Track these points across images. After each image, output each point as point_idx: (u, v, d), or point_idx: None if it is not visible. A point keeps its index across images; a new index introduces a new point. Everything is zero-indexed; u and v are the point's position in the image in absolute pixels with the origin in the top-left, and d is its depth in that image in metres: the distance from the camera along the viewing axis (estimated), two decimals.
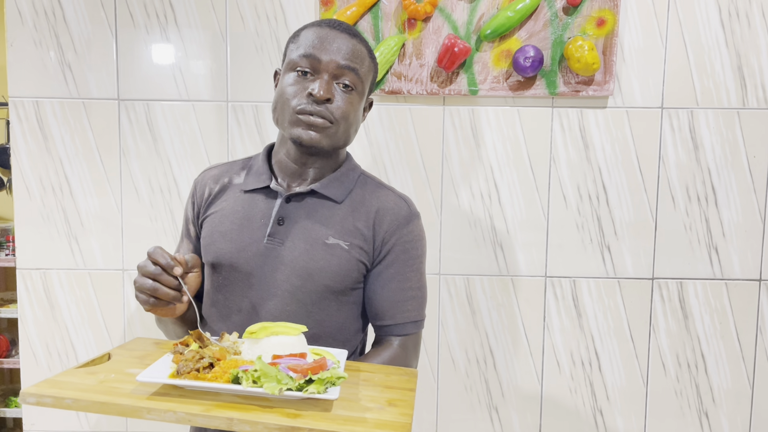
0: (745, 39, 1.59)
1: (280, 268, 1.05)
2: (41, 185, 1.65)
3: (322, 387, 0.76)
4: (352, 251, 1.06)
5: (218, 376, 0.79)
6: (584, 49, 1.51)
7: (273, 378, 0.75)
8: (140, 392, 0.78)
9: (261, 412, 0.74)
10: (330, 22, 1.06)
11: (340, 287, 1.06)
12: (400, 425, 0.75)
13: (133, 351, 0.96)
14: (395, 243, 1.08)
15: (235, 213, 1.09)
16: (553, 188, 1.64)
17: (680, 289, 1.66)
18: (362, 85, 1.06)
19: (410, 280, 1.10)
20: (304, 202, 1.08)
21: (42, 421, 1.71)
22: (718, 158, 1.62)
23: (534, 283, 1.66)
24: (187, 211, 1.17)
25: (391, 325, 1.10)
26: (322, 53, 1.02)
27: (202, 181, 1.16)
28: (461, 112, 1.63)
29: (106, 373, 0.84)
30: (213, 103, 1.63)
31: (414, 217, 1.11)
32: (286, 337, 0.88)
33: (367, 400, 0.83)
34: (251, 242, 1.06)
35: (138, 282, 0.96)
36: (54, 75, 1.62)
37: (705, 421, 1.69)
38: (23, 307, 1.68)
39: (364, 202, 1.09)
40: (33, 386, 0.76)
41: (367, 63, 1.07)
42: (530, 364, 1.69)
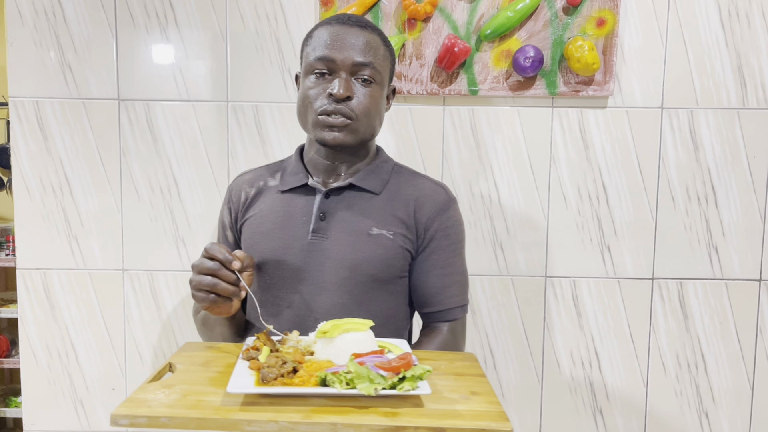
0: (745, 39, 1.59)
1: (326, 262, 1.06)
2: (41, 185, 1.65)
3: (414, 383, 0.77)
4: (397, 240, 1.07)
5: (305, 380, 0.79)
6: (584, 49, 1.51)
7: (366, 378, 0.75)
8: (230, 403, 0.76)
9: (359, 414, 0.74)
10: (339, 17, 1.06)
11: (387, 276, 1.07)
12: (497, 414, 0.76)
13: (193, 358, 0.94)
14: (437, 229, 1.10)
15: (274, 213, 1.11)
16: (553, 188, 1.64)
17: (680, 289, 1.66)
18: (381, 75, 1.07)
19: (453, 265, 1.12)
20: (343, 196, 1.09)
21: (42, 421, 1.71)
22: (718, 158, 1.62)
23: (534, 283, 1.66)
24: (223, 218, 1.19)
25: (439, 311, 1.12)
26: (335, 52, 1.02)
27: (237, 187, 1.18)
28: (461, 112, 1.63)
29: (181, 385, 0.82)
30: (213, 103, 1.63)
31: (452, 203, 1.13)
32: (358, 333, 0.88)
33: (448, 390, 0.83)
34: (295, 239, 1.07)
35: (195, 280, 0.95)
36: (54, 75, 1.62)
37: (705, 421, 1.69)
38: (23, 307, 1.69)
39: (401, 192, 1.11)
40: (121, 407, 0.74)
41: (382, 52, 1.07)
42: (530, 364, 1.69)
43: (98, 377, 1.71)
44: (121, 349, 1.70)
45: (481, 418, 0.74)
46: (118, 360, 1.70)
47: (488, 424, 0.73)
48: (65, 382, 1.71)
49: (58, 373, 1.70)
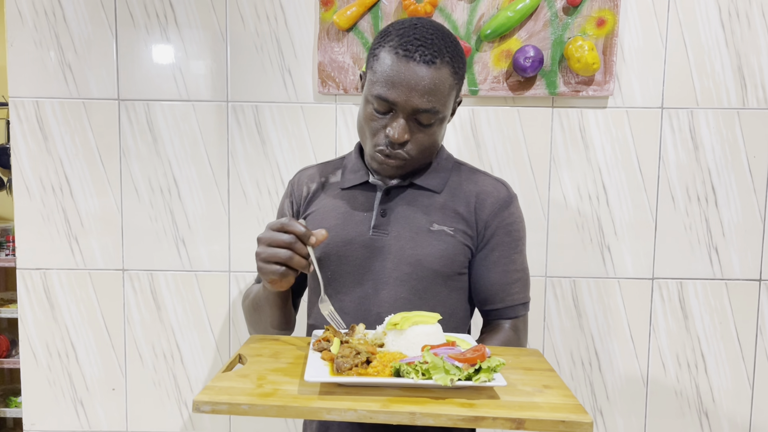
0: (745, 39, 1.59)
1: (388, 258, 1.07)
2: (41, 185, 1.65)
3: (490, 375, 0.77)
4: (457, 236, 1.08)
5: (379, 370, 0.80)
6: (584, 49, 1.51)
7: (441, 369, 0.76)
8: (306, 392, 0.77)
9: (436, 405, 0.74)
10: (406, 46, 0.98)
11: (449, 272, 1.08)
12: (574, 407, 0.75)
13: (262, 350, 0.95)
14: (498, 226, 1.10)
15: (336, 209, 1.12)
16: (553, 188, 1.64)
17: (680, 289, 1.66)
18: (444, 111, 1.03)
19: (515, 262, 1.12)
20: (404, 194, 1.10)
21: (42, 421, 1.71)
22: (718, 158, 1.62)
23: (534, 283, 1.66)
24: (284, 211, 1.20)
25: (501, 308, 1.12)
26: (397, 94, 0.98)
27: (299, 181, 1.19)
28: (461, 113, 1.63)
29: (254, 375, 0.84)
30: (213, 103, 1.63)
31: (513, 199, 1.13)
32: (427, 326, 0.89)
33: (520, 384, 0.83)
34: (357, 235, 1.08)
35: (267, 252, 0.94)
36: (54, 75, 1.62)
37: (705, 421, 1.69)
38: (23, 307, 1.69)
39: (461, 188, 1.11)
40: (202, 394, 0.75)
41: (448, 85, 1.01)
42: None
43: (98, 377, 1.71)
44: (121, 349, 1.70)
45: (560, 410, 0.74)
46: (118, 360, 1.70)
47: (567, 416, 0.72)
48: (65, 382, 1.71)
49: (58, 373, 1.70)
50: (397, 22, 1.04)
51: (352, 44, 1.59)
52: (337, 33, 1.58)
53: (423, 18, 1.05)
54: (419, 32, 1.00)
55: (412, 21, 1.03)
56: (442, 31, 1.02)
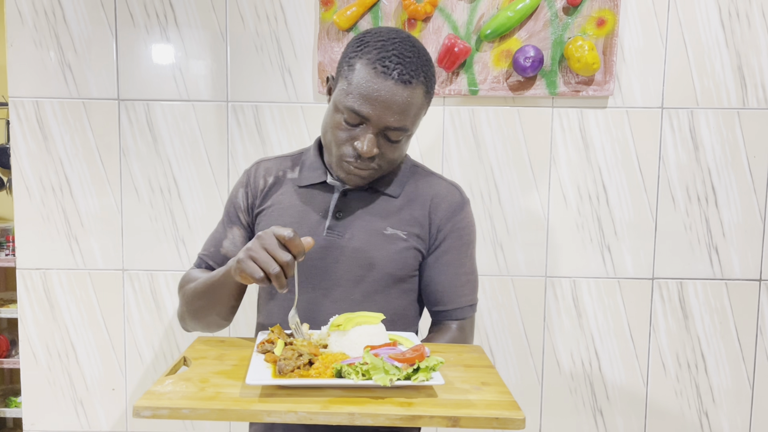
0: (745, 39, 1.59)
1: (341, 259, 1.08)
2: (41, 185, 1.65)
3: (428, 374, 0.78)
4: (410, 240, 1.09)
5: (320, 372, 0.81)
6: (584, 49, 1.51)
7: (381, 369, 0.77)
8: (248, 395, 0.78)
9: (375, 404, 0.75)
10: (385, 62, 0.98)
11: (400, 274, 1.09)
12: (508, 403, 0.78)
13: (207, 352, 0.96)
14: (450, 230, 1.11)
15: (292, 207, 1.12)
16: (553, 188, 1.64)
17: (680, 289, 1.66)
18: (413, 129, 1.05)
19: (465, 265, 1.14)
20: (361, 195, 1.11)
21: (42, 421, 1.71)
22: (718, 158, 1.62)
23: (534, 283, 1.66)
24: (238, 200, 1.18)
25: (450, 309, 1.14)
26: (370, 110, 0.98)
27: (255, 172, 1.18)
28: (461, 112, 1.63)
29: (197, 378, 0.84)
30: (213, 103, 1.63)
31: (466, 204, 1.15)
32: (370, 327, 0.90)
33: (459, 381, 0.85)
34: (311, 234, 1.08)
35: (259, 256, 0.91)
36: (54, 75, 1.62)
37: (705, 421, 1.69)
38: (23, 307, 1.68)
39: (418, 192, 1.13)
40: (142, 399, 0.75)
41: (419, 103, 1.01)
42: (530, 364, 1.69)
43: (98, 377, 1.71)
44: (121, 349, 1.70)
45: (494, 408, 0.76)
46: (118, 360, 1.70)
47: (501, 413, 0.75)
48: (65, 382, 1.71)
49: (58, 373, 1.70)
50: (374, 32, 1.03)
51: None
52: (337, 33, 1.58)
53: (400, 31, 1.05)
54: (398, 48, 0.99)
55: (390, 34, 1.02)
56: (419, 49, 1.02)
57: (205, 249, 1.21)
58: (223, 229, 1.19)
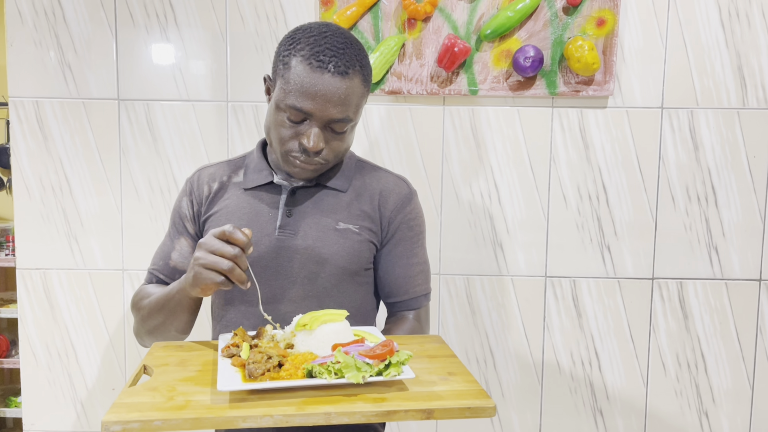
0: (745, 39, 1.59)
1: (295, 257, 1.08)
2: (41, 185, 1.65)
3: (399, 369, 0.80)
4: (363, 233, 1.10)
5: (291, 373, 0.80)
6: (584, 49, 1.51)
7: (353, 367, 0.78)
8: (219, 401, 0.76)
9: (350, 403, 0.76)
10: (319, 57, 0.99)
11: (355, 268, 1.10)
12: (477, 392, 0.80)
13: (167, 358, 0.93)
14: (401, 222, 1.13)
15: (240, 210, 1.12)
16: (553, 188, 1.64)
17: (680, 289, 1.66)
18: (356, 118, 1.05)
19: (417, 256, 1.16)
20: (310, 192, 1.11)
21: (42, 421, 1.71)
22: (718, 158, 1.62)
23: (534, 283, 1.66)
24: (183, 210, 1.18)
25: (405, 300, 1.16)
26: (312, 105, 0.98)
27: (199, 180, 1.18)
28: (461, 112, 1.63)
29: (165, 386, 0.82)
30: (213, 103, 1.63)
31: (414, 195, 1.17)
32: (335, 324, 0.90)
33: (426, 373, 0.86)
34: (263, 236, 1.09)
35: (208, 260, 0.91)
36: (54, 75, 1.62)
37: (705, 421, 1.69)
38: (23, 307, 1.68)
39: (365, 186, 1.14)
40: (110, 414, 0.73)
41: (359, 92, 1.02)
42: (530, 364, 1.69)
43: (98, 377, 1.71)
44: (121, 349, 1.70)
45: (465, 397, 0.78)
46: (118, 360, 1.70)
47: (472, 403, 0.77)
48: (65, 382, 1.71)
49: (58, 373, 1.70)
50: (305, 29, 1.03)
51: None
52: None
53: (330, 24, 1.05)
54: (330, 41, 1.00)
55: (321, 28, 1.02)
56: (351, 40, 1.02)
57: (153, 263, 1.20)
58: (170, 242, 1.19)
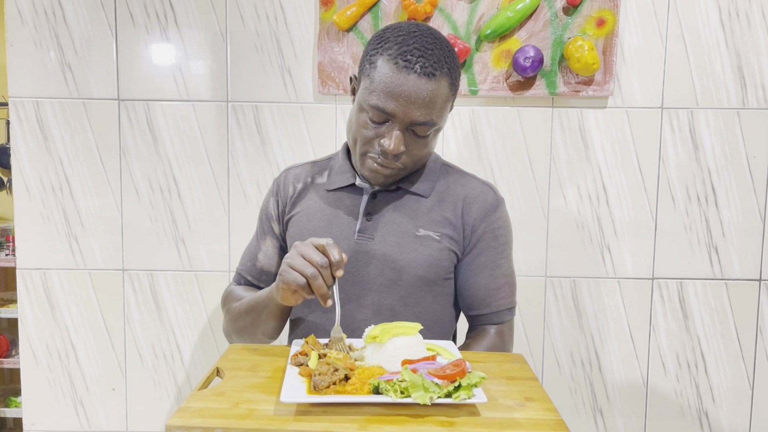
0: (745, 39, 1.59)
1: (372, 263, 1.05)
2: (41, 185, 1.65)
3: (470, 392, 0.75)
4: (443, 241, 1.06)
5: (357, 387, 0.78)
6: (584, 49, 1.51)
7: (420, 387, 0.75)
8: (283, 412, 0.75)
9: (416, 424, 0.73)
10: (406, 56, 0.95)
11: (434, 277, 1.06)
12: (555, 423, 0.75)
13: (240, 362, 0.93)
14: (485, 230, 1.09)
15: (322, 211, 1.10)
16: (552, 188, 1.64)
17: (680, 289, 1.66)
18: (440, 123, 1.01)
19: (501, 267, 1.11)
20: (391, 197, 1.08)
21: (42, 421, 1.71)
22: (718, 158, 1.62)
23: (534, 283, 1.66)
24: (269, 209, 1.18)
25: (487, 313, 1.11)
26: (395, 106, 0.95)
27: (285, 180, 1.18)
28: (461, 113, 1.63)
29: (232, 392, 0.82)
30: (213, 103, 1.63)
31: (500, 203, 1.12)
32: (408, 338, 0.87)
33: (502, 396, 0.82)
34: (341, 239, 1.07)
35: (296, 261, 0.90)
36: (54, 75, 1.62)
37: (705, 421, 1.69)
38: (23, 307, 1.68)
39: (449, 192, 1.10)
40: (175, 418, 0.73)
41: (444, 96, 0.98)
42: (530, 364, 1.69)
43: (98, 377, 1.71)
44: (121, 349, 1.70)
45: (541, 428, 0.73)
46: (118, 360, 1.70)
47: None
48: (65, 382, 1.71)
49: (58, 373, 1.70)
50: (394, 28, 1.00)
51: (352, 44, 1.59)
52: (337, 33, 1.58)
53: (420, 24, 1.02)
54: (419, 41, 0.97)
55: (410, 28, 1.00)
56: (440, 41, 0.99)
57: (241, 264, 1.20)
58: (257, 242, 1.19)
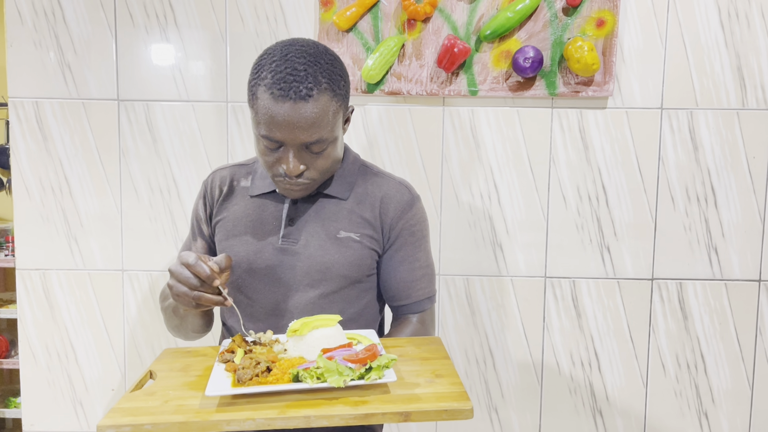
0: (745, 40, 1.59)
1: (297, 265, 1.10)
2: (41, 186, 1.65)
3: (381, 372, 0.81)
4: (364, 241, 1.11)
5: (279, 378, 0.83)
6: (584, 50, 1.51)
7: (335, 372, 0.80)
8: (208, 405, 0.80)
9: (330, 406, 0.78)
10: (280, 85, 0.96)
11: (357, 276, 1.11)
12: (458, 394, 0.80)
13: (172, 364, 0.97)
14: (402, 228, 1.13)
15: (247, 217, 1.14)
16: (552, 189, 1.64)
17: (680, 289, 1.66)
18: (333, 135, 1.02)
19: (419, 260, 1.16)
20: (311, 201, 1.13)
21: (41, 421, 1.71)
22: (718, 159, 1.62)
23: (533, 283, 1.66)
24: (198, 211, 1.21)
25: (408, 304, 1.17)
26: (281, 134, 0.98)
27: (212, 182, 1.20)
28: (461, 113, 1.63)
29: (162, 391, 0.86)
30: (212, 103, 1.63)
31: (416, 200, 1.16)
32: (327, 329, 0.92)
33: (413, 375, 0.87)
34: (266, 244, 1.11)
35: (178, 290, 0.94)
36: (53, 75, 1.62)
37: (704, 421, 1.69)
38: (22, 307, 1.68)
39: (367, 193, 1.14)
40: (105, 418, 0.77)
41: (331, 112, 0.99)
42: (530, 364, 1.68)
43: (97, 378, 1.71)
44: (121, 349, 1.70)
45: (444, 400, 0.79)
46: (118, 360, 1.70)
47: (450, 405, 0.78)
48: (64, 383, 1.70)
49: (58, 373, 1.70)
50: (269, 54, 1.00)
51: (351, 45, 1.59)
52: (336, 33, 1.58)
53: (294, 42, 1.01)
54: (290, 65, 0.96)
55: (284, 51, 0.98)
56: (314, 56, 0.98)
57: None
58: (189, 243, 1.23)
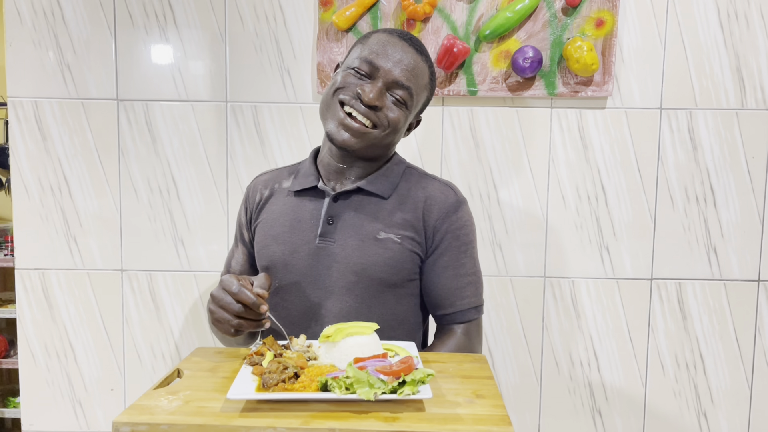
0: (744, 40, 1.59)
1: (334, 266, 1.06)
2: (40, 185, 1.65)
3: (415, 388, 0.76)
4: (404, 243, 1.07)
5: (306, 385, 0.79)
6: (583, 50, 1.51)
7: (365, 383, 0.75)
8: (230, 409, 0.76)
9: (358, 419, 0.73)
10: (402, 32, 1.08)
11: (396, 280, 1.07)
12: (499, 418, 0.74)
13: (201, 364, 0.95)
14: (446, 231, 1.09)
15: (284, 215, 1.12)
16: (552, 189, 1.64)
17: (679, 289, 1.66)
18: (413, 102, 1.06)
19: (465, 266, 1.11)
20: (352, 200, 1.09)
21: (40, 421, 1.71)
22: (717, 159, 1.62)
23: (533, 283, 1.67)
24: (240, 217, 1.21)
25: (452, 313, 1.11)
26: (382, 60, 1.03)
27: (254, 187, 1.20)
28: (460, 113, 1.63)
29: (185, 391, 0.83)
30: (212, 103, 1.63)
31: (462, 203, 1.12)
32: (362, 337, 0.88)
33: (452, 393, 0.82)
34: (303, 243, 1.08)
35: (218, 314, 0.92)
36: (53, 75, 1.62)
37: (704, 421, 1.69)
38: (22, 307, 1.68)
39: (410, 194, 1.11)
40: (123, 415, 0.74)
41: (424, 81, 1.08)
42: (529, 365, 1.69)
43: (97, 377, 1.70)
44: (120, 349, 1.70)
45: (483, 422, 0.73)
46: (117, 360, 1.70)
47: (489, 429, 0.71)
48: (64, 383, 1.70)
49: (57, 373, 1.70)
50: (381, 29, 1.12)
51: (351, 45, 1.59)
52: (336, 33, 1.58)
53: None
54: (408, 33, 1.09)
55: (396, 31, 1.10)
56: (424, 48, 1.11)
57: (224, 269, 1.25)
58: (232, 250, 1.23)
